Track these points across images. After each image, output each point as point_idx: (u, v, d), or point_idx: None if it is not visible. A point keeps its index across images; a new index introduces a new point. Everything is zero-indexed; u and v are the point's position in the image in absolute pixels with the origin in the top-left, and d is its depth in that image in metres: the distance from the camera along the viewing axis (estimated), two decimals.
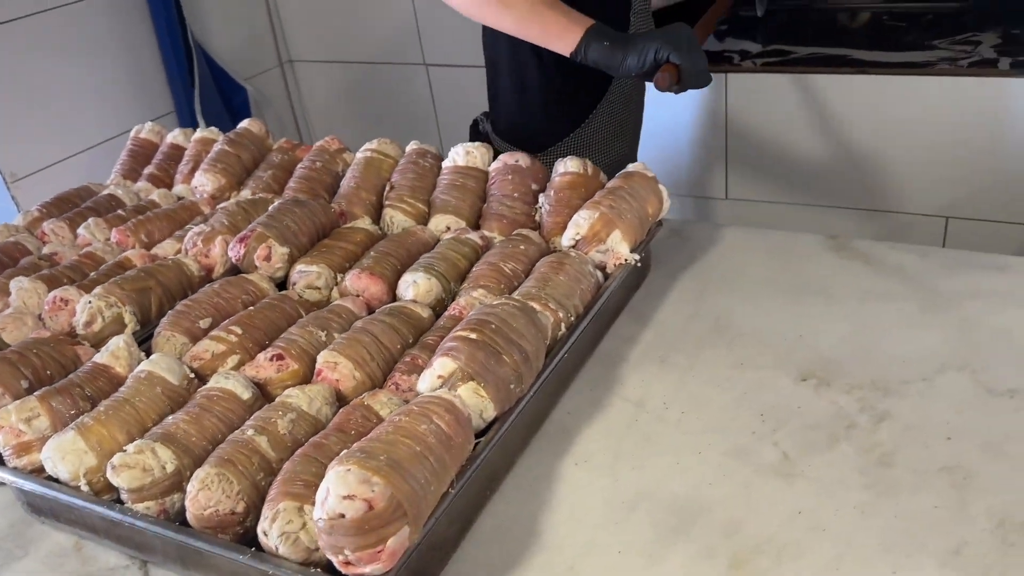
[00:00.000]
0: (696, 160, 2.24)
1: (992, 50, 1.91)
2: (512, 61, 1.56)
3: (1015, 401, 0.97)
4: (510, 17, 1.26)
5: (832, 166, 2.07)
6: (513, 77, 1.57)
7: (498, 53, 1.59)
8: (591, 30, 1.24)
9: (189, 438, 0.88)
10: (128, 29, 2.26)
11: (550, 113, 1.57)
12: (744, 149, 2.15)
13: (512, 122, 1.63)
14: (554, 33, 1.26)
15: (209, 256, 1.28)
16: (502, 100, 1.63)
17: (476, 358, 0.88)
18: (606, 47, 1.23)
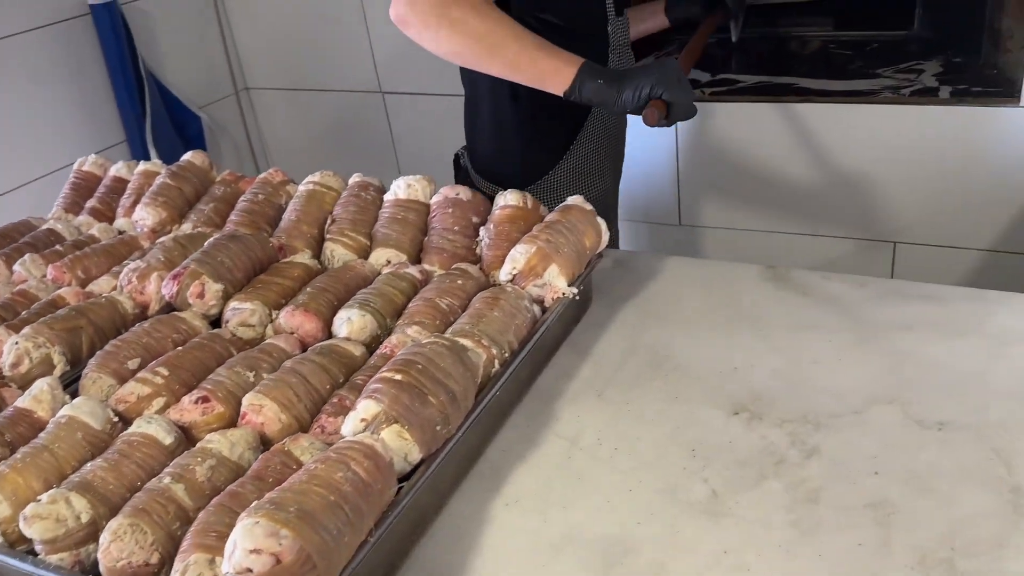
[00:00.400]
0: (649, 187, 2.25)
1: (934, 79, 1.94)
2: (490, 100, 1.54)
3: (943, 434, 0.97)
4: (502, 61, 1.26)
5: (780, 192, 2.09)
6: (491, 115, 1.56)
7: (476, 91, 1.58)
8: (584, 69, 1.23)
9: (106, 486, 0.87)
10: (77, 59, 2.24)
11: (528, 151, 1.56)
12: (695, 176, 2.17)
13: (491, 160, 1.61)
14: (547, 73, 1.25)
15: (144, 293, 1.26)
16: (480, 138, 1.62)
17: (400, 400, 0.87)
18: (601, 85, 1.23)
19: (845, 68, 2.07)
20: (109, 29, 2.22)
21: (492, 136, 1.59)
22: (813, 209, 2.08)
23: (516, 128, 1.54)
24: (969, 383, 1.04)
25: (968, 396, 1.02)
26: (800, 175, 2.05)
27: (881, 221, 2.03)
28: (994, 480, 0.90)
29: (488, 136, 1.60)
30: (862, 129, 1.94)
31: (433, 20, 1.23)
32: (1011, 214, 1.90)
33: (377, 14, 2.44)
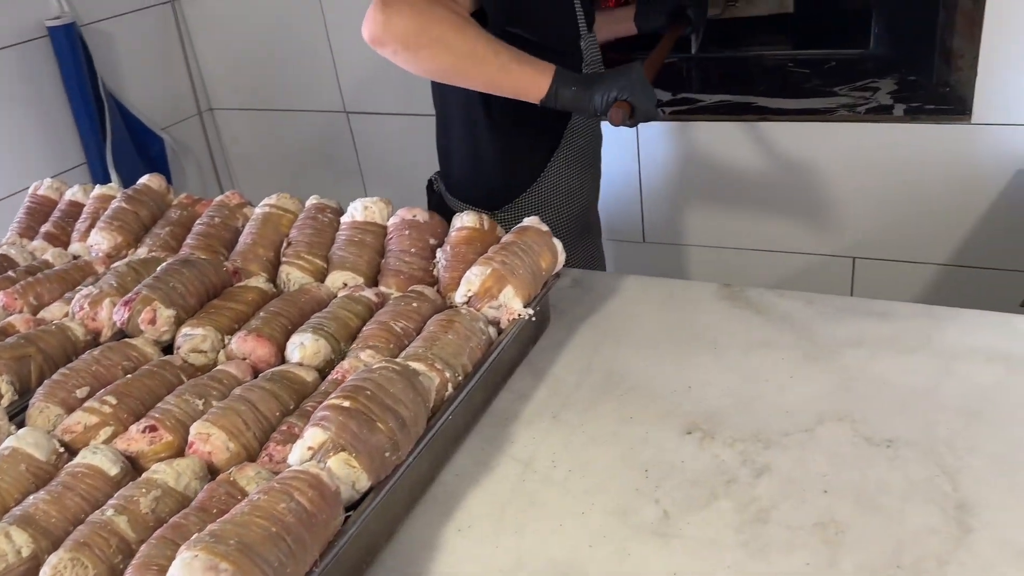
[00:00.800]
0: (614, 205, 2.26)
1: (889, 96, 1.98)
2: (464, 120, 1.54)
3: (891, 451, 0.98)
4: (482, 77, 1.29)
5: (742, 208, 2.11)
6: (465, 138, 1.56)
7: (448, 112, 1.57)
8: (557, 77, 1.28)
9: (49, 519, 0.85)
10: (35, 81, 2.22)
11: (505, 171, 1.56)
12: (658, 194, 2.19)
13: (467, 182, 1.61)
14: (525, 85, 1.29)
15: (96, 319, 1.24)
16: (455, 159, 1.61)
17: (348, 428, 0.86)
18: (574, 91, 1.28)
19: (803, 86, 2.10)
20: (68, 51, 2.21)
21: (467, 158, 1.58)
22: (775, 226, 2.11)
23: (491, 150, 1.54)
24: (918, 400, 1.05)
25: (916, 413, 1.03)
26: (761, 192, 2.08)
27: (840, 237, 2.05)
28: (940, 497, 0.91)
29: (463, 158, 1.60)
30: (820, 146, 1.97)
31: (412, 40, 1.23)
32: (967, 228, 1.93)
33: (341, 34, 2.44)
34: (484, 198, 1.58)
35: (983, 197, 1.88)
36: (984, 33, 1.72)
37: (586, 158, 1.62)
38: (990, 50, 1.74)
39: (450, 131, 1.58)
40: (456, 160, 1.61)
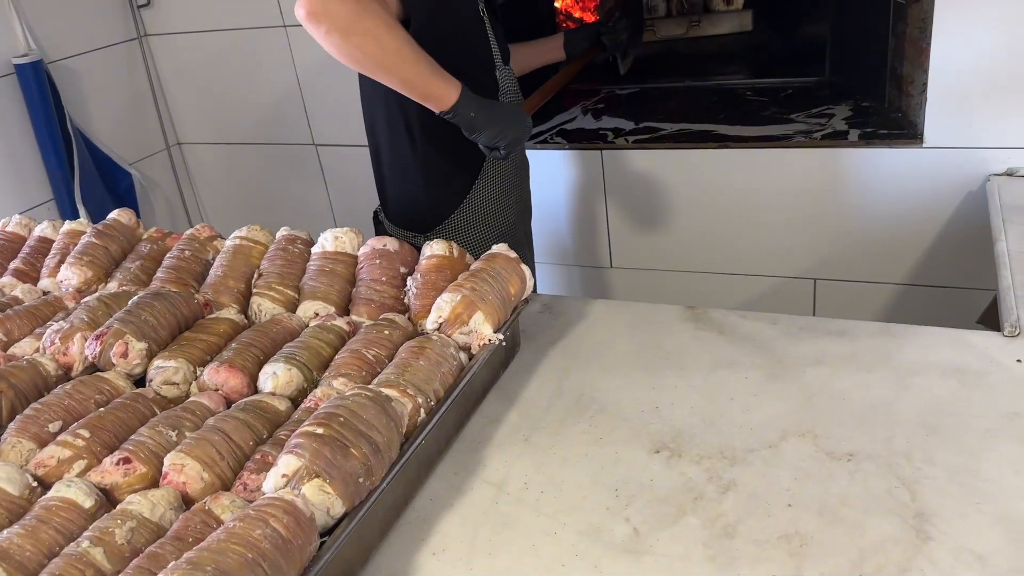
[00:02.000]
0: (581, 232, 2.30)
1: (844, 122, 2.04)
2: (392, 149, 1.62)
3: (852, 464, 1.01)
4: (399, 76, 1.37)
5: (705, 233, 2.16)
6: (395, 164, 1.64)
7: (379, 142, 1.66)
8: (463, 96, 1.41)
9: (23, 553, 0.85)
10: (2, 117, 2.22)
11: (432, 194, 1.64)
12: (624, 220, 2.23)
13: (400, 207, 1.69)
14: (435, 92, 1.40)
15: (68, 354, 1.24)
16: (388, 187, 1.69)
17: (322, 454, 0.88)
18: (472, 117, 1.43)
19: (760, 114, 2.16)
20: (35, 88, 2.21)
21: (398, 186, 1.66)
22: (737, 249, 2.16)
23: (419, 176, 1.62)
24: (877, 414, 1.09)
25: (876, 427, 1.07)
26: (723, 217, 2.13)
27: (801, 259, 2.11)
28: (900, 507, 0.94)
29: (394, 186, 1.67)
30: (778, 172, 2.02)
31: (346, 25, 1.29)
32: (922, 248, 1.99)
33: (309, 68, 2.47)
34: (416, 221, 1.66)
35: (937, 218, 1.94)
36: (932, 60, 1.79)
37: (509, 179, 1.70)
38: (938, 76, 1.81)
39: (381, 162, 1.67)
40: (389, 188, 1.68)
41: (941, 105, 1.84)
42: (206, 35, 2.56)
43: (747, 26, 2.47)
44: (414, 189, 1.64)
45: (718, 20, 2.49)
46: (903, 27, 1.95)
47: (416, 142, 1.59)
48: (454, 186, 1.64)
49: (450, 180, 1.64)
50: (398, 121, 1.58)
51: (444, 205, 1.64)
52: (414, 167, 1.62)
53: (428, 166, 1.61)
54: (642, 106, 2.37)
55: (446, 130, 1.48)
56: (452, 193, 1.64)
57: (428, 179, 1.62)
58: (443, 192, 1.64)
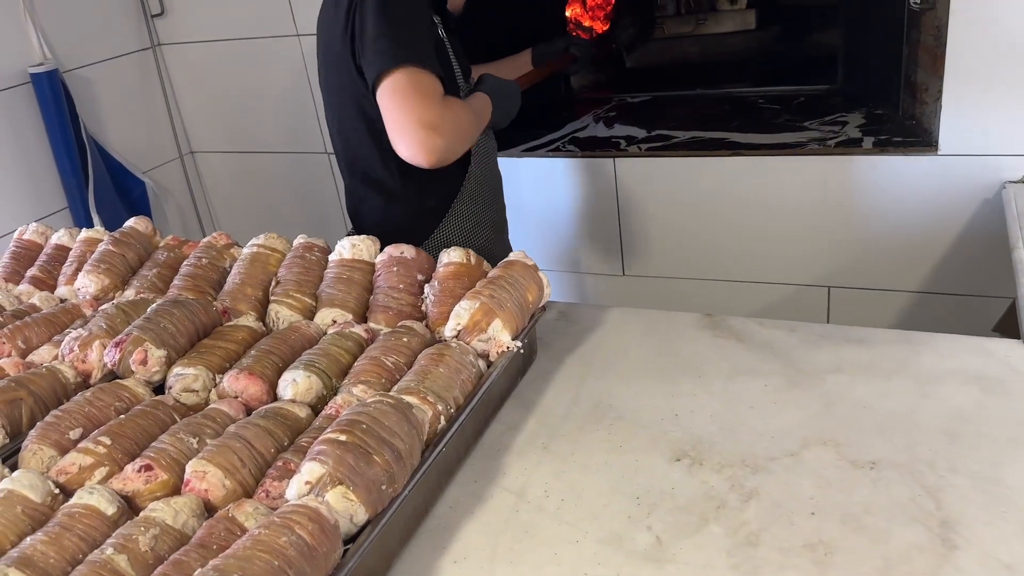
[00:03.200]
0: (593, 240, 2.30)
1: (857, 130, 2.04)
2: (372, 178, 1.63)
3: (875, 472, 1.01)
4: (472, 139, 1.54)
5: (719, 241, 2.16)
6: (376, 189, 1.64)
7: (351, 167, 1.67)
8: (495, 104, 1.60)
9: (47, 560, 0.85)
10: (17, 127, 2.23)
11: (413, 216, 1.65)
12: (637, 228, 2.23)
13: (376, 228, 1.65)
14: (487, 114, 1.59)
15: (86, 361, 1.25)
16: (367, 210, 1.70)
17: (345, 461, 0.88)
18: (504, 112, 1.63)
19: (773, 122, 2.16)
20: (50, 97, 2.22)
21: (377, 211, 1.66)
22: (750, 257, 2.15)
23: (400, 196, 1.63)
24: (898, 423, 1.08)
25: (897, 435, 1.06)
26: (736, 225, 2.12)
27: (814, 267, 2.10)
28: (924, 515, 0.94)
29: (372, 211, 1.67)
30: (792, 179, 2.02)
31: (458, 149, 1.44)
32: (937, 257, 1.98)
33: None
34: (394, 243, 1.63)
35: (952, 226, 1.93)
36: (947, 67, 1.79)
37: (485, 195, 1.72)
38: (953, 83, 1.80)
39: (358, 190, 1.68)
40: (368, 211, 1.69)
41: (956, 112, 1.83)
42: (219, 44, 2.58)
43: (750, 24, 2.50)
44: (395, 214, 1.65)
45: (722, 18, 2.52)
46: (917, 34, 1.95)
47: (391, 167, 1.59)
48: (432, 209, 1.65)
49: (428, 203, 1.65)
50: (370, 147, 1.58)
51: (423, 228, 1.65)
52: (396, 193, 1.62)
53: (408, 191, 1.62)
54: (654, 114, 2.37)
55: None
56: (430, 216, 1.65)
57: (408, 204, 1.64)
58: (423, 215, 1.65)
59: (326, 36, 1.57)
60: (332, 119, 1.67)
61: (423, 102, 1.36)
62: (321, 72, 1.65)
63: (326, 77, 1.63)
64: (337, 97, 1.60)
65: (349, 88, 1.52)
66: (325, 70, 1.62)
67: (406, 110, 1.36)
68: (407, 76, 1.37)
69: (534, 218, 2.33)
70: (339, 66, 1.51)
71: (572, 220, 2.31)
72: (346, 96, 1.55)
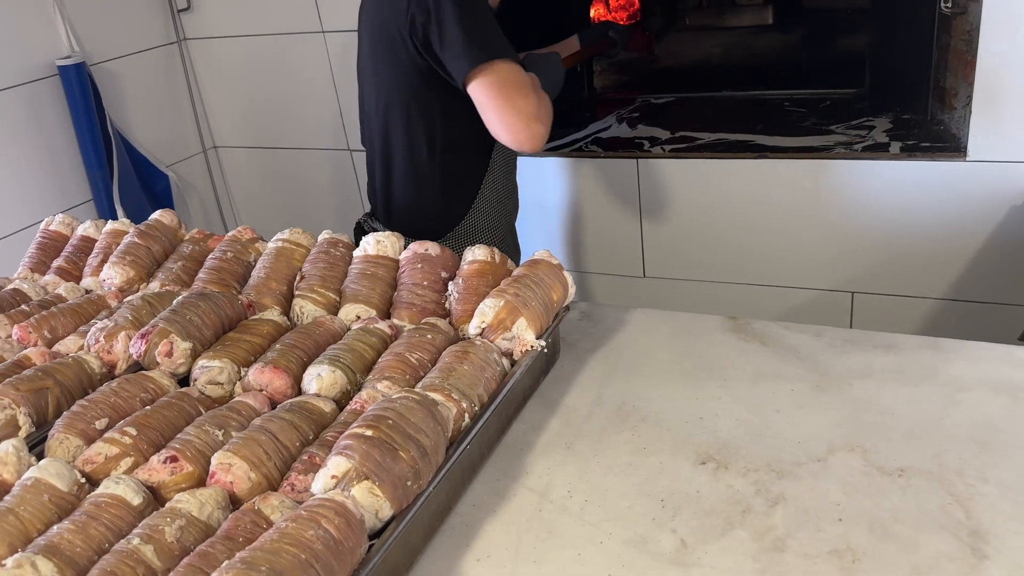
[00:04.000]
0: (614, 241, 2.30)
1: (884, 134, 2.02)
2: (405, 155, 1.65)
3: (903, 479, 1.00)
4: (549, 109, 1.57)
5: (742, 244, 2.15)
6: (410, 171, 1.68)
7: (392, 155, 1.70)
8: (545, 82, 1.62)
9: (74, 549, 0.85)
10: (44, 118, 2.25)
11: (446, 198, 1.70)
12: (658, 230, 2.22)
13: (409, 213, 1.73)
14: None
15: (112, 352, 1.25)
16: (398, 194, 1.73)
17: (371, 456, 0.88)
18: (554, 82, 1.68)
19: (799, 125, 2.14)
20: (77, 90, 2.24)
21: (410, 191, 1.70)
22: (773, 261, 2.14)
23: (435, 180, 1.67)
24: (927, 430, 1.07)
25: (926, 443, 1.05)
26: (758, 228, 2.11)
27: (838, 271, 2.08)
28: (954, 524, 0.92)
29: (404, 190, 1.71)
30: (817, 183, 2.01)
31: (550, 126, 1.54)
32: (962, 263, 1.96)
33: (345, 72, 2.49)
34: (426, 230, 1.69)
35: (979, 232, 1.91)
36: (977, 73, 1.77)
37: (508, 181, 1.79)
38: (984, 89, 1.78)
39: (393, 167, 1.71)
40: (399, 195, 1.73)
41: (985, 118, 1.81)
42: (244, 40, 2.59)
43: (767, 20, 2.50)
44: (428, 195, 1.69)
45: (740, 13, 2.53)
46: (947, 39, 1.93)
47: (436, 150, 1.64)
48: (464, 193, 1.70)
49: (462, 187, 1.70)
50: (418, 130, 1.63)
51: (456, 211, 1.71)
52: (430, 174, 1.67)
53: (444, 173, 1.67)
54: (678, 115, 2.36)
55: (463, 137, 1.57)
56: (462, 200, 1.70)
57: (443, 186, 1.68)
58: (455, 199, 1.70)
59: (376, 17, 1.59)
60: (372, 100, 1.70)
61: (523, 94, 1.46)
62: (365, 53, 1.67)
63: (372, 58, 1.65)
64: (384, 79, 1.63)
65: (400, 71, 1.57)
66: (372, 52, 1.64)
67: (510, 104, 1.46)
68: (503, 70, 1.46)
69: (556, 218, 2.32)
70: (392, 49, 1.56)
71: (594, 220, 2.30)
72: (396, 77, 1.59)
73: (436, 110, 1.61)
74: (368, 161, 1.80)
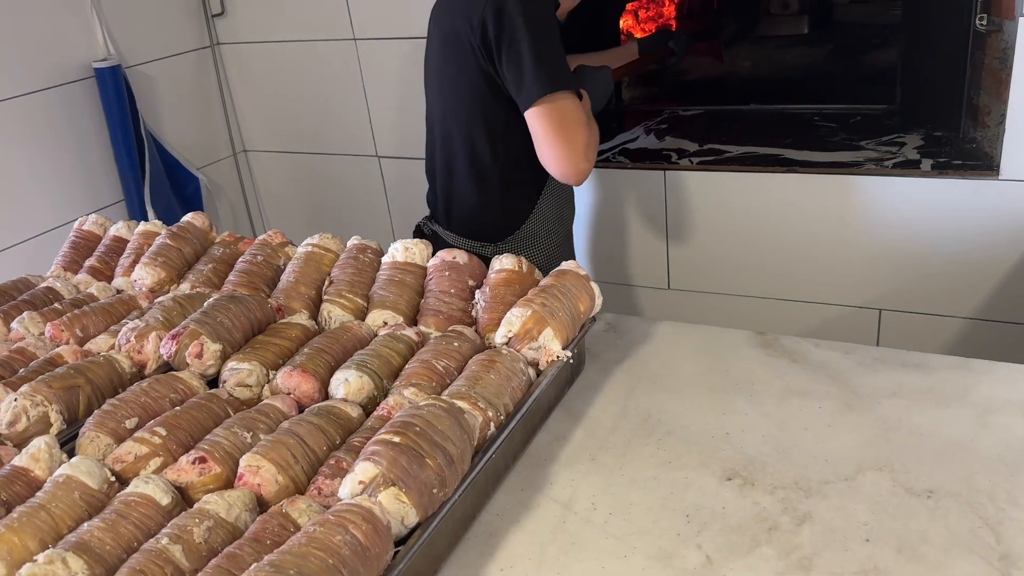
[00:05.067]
0: (639, 252, 2.29)
1: (915, 151, 2.00)
2: (471, 160, 1.65)
3: (932, 501, 0.99)
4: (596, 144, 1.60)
5: (769, 258, 2.13)
6: (471, 175, 1.69)
7: (454, 160, 1.70)
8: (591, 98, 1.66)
9: (103, 546, 0.86)
10: (79, 119, 2.28)
11: (506, 203, 1.71)
12: (684, 242, 2.21)
13: (471, 217, 1.74)
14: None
15: (142, 352, 1.27)
16: (459, 197, 1.74)
17: (398, 463, 0.88)
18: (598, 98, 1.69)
19: (829, 140, 2.13)
20: (112, 91, 2.27)
21: (472, 194, 1.70)
22: (799, 276, 2.12)
23: (496, 183, 1.68)
24: (957, 451, 1.06)
25: (956, 464, 1.04)
26: (786, 242, 2.10)
27: (866, 288, 2.06)
28: (984, 548, 0.91)
29: (467, 194, 1.71)
30: (846, 199, 1.99)
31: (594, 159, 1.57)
32: (993, 284, 1.94)
33: (375, 79, 2.50)
34: (486, 232, 1.73)
35: (1010, 252, 1.89)
36: (1012, 91, 1.75)
37: (566, 192, 1.80)
38: (1018, 107, 1.76)
39: (455, 172, 1.72)
40: (461, 199, 1.74)
41: (1019, 136, 1.79)
42: (276, 45, 2.62)
43: (803, 28, 2.50)
44: (491, 199, 1.70)
45: (776, 23, 2.53)
46: (981, 56, 1.91)
47: (498, 156, 1.65)
48: (525, 199, 1.72)
49: (522, 193, 1.71)
50: (482, 135, 1.64)
51: (516, 214, 1.72)
52: (492, 177, 1.68)
53: (505, 179, 1.68)
54: (706, 128, 2.35)
55: (526, 145, 1.56)
56: (524, 203, 1.72)
57: (504, 191, 1.70)
58: (516, 202, 1.71)
59: (448, 21, 1.61)
60: (437, 104, 1.72)
61: (576, 130, 1.51)
62: (434, 56, 1.69)
63: (440, 61, 1.67)
64: (450, 83, 1.65)
65: (467, 77, 1.59)
66: (441, 55, 1.66)
67: (562, 137, 1.50)
68: (563, 104, 1.50)
69: (581, 228, 2.32)
70: (461, 55, 1.58)
71: (619, 231, 2.30)
72: (462, 83, 1.61)
73: (500, 117, 1.61)
74: (427, 164, 1.79)
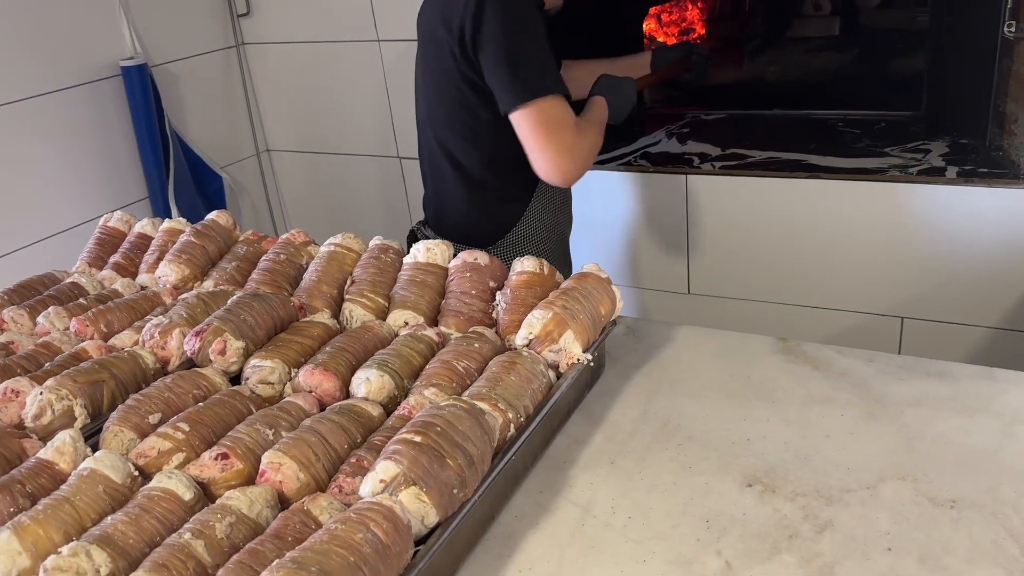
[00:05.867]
0: (660, 256, 2.29)
1: (941, 159, 1.99)
2: (455, 163, 1.68)
3: (955, 511, 0.98)
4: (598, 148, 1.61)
5: (790, 265, 2.12)
6: (463, 179, 1.69)
7: (441, 156, 1.71)
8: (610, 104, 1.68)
9: (127, 540, 0.87)
10: (105, 117, 2.31)
11: (494, 208, 1.71)
12: (705, 247, 2.21)
13: (461, 222, 1.74)
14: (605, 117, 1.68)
15: (166, 348, 1.28)
16: (448, 201, 1.75)
17: (419, 462, 0.88)
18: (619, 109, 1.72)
19: (853, 146, 2.12)
20: (138, 90, 2.30)
21: (462, 197, 1.71)
22: (821, 282, 2.11)
23: (481, 183, 1.69)
24: (981, 461, 1.05)
25: (980, 475, 1.03)
26: (808, 249, 2.09)
27: (889, 296, 2.05)
28: (1008, 560, 0.90)
29: (454, 198, 1.72)
30: (870, 205, 1.98)
31: (587, 166, 1.57)
32: (1018, 293, 1.92)
33: (398, 81, 2.51)
34: (475, 236, 1.72)
35: None
36: None
37: (561, 196, 1.79)
38: None
39: (445, 176, 1.73)
40: (452, 204, 1.74)
41: None
42: (301, 46, 2.63)
43: (834, 30, 2.47)
44: (483, 204, 1.70)
45: (807, 24, 2.50)
46: (1009, 63, 1.89)
47: (484, 159, 1.65)
48: (514, 203, 1.71)
49: (511, 197, 1.71)
50: (467, 138, 1.64)
51: (503, 220, 1.72)
52: (478, 182, 1.68)
53: (493, 183, 1.68)
54: (729, 132, 2.34)
55: (513, 146, 1.56)
56: (511, 208, 1.71)
57: (493, 195, 1.69)
58: (503, 207, 1.71)
59: (430, 23, 1.62)
60: (424, 106, 1.72)
61: (563, 133, 1.50)
62: (419, 59, 1.70)
63: (424, 64, 1.68)
64: (434, 86, 1.65)
65: (449, 78, 1.59)
66: (423, 57, 1.67)
67: (549, 141, 1.49)
68: (548, 107, 1.49)
69: (602, 231, 2.32)
70: (442, 56, 1.58)
71: (640, 235, 2.30)
72: (445, 85, 1.61)
73: (483, 121, 1.61)
74: (421, 168, 1.82)
